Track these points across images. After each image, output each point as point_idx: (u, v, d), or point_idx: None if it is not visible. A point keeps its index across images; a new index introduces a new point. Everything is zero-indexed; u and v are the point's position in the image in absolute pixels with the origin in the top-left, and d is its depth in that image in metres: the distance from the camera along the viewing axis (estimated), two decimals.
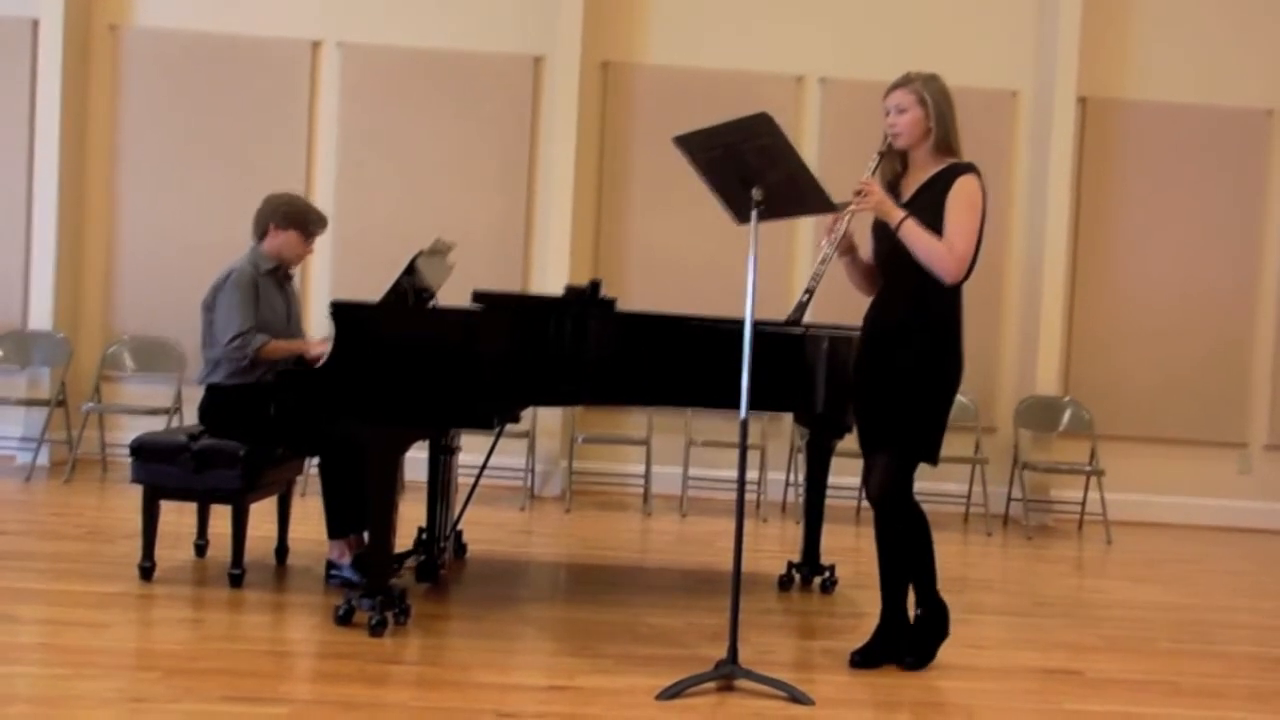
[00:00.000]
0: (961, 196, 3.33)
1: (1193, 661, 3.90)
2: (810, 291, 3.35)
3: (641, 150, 6.75)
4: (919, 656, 3.53)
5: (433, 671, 3.34)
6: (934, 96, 3.37)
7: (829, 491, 4.72)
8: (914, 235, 3.32)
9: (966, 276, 3.39)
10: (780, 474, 6.61)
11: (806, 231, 6.61)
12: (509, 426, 5.23)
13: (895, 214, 3.34)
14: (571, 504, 6.30)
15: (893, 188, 3.48)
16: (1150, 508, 6.79)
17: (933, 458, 3.43)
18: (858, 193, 3.35)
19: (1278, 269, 6.96)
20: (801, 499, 4.96)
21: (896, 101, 3.41)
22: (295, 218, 4.26)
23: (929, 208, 3.35)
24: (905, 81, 3.41)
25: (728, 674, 3.27)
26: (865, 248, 3.57)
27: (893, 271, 3.45)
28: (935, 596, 3.54)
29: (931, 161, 3.41)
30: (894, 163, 3.51)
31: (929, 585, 3.53)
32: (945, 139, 3.39)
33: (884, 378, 3.44)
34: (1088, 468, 6.45)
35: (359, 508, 4.00)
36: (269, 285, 4.24)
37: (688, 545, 5.54)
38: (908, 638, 3.54)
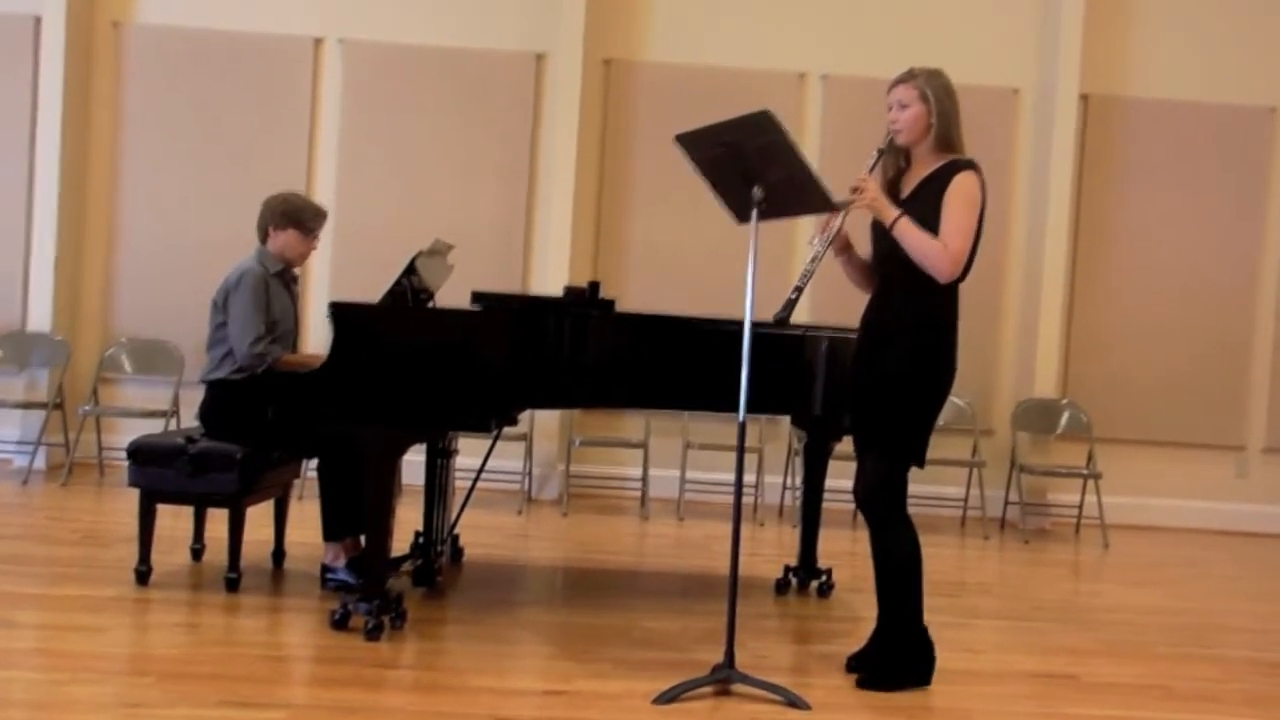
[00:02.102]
0: (959, 193, 3.27)
1: (1190, 666, 3.90)
2: (799, 289, 3.31)
3: (643, 148, 6.75)
4: (876, 677, 3.39)
5: (429, 676, 3.34)
6: (936, 92, 3.31)
7: (826, 495, 4.70)
8: (907, 233, 3.27)
9: (964, 276, 3.34)
10: (778, 477, 6.61)
11: (806, 231, 6.55)
12: (506, 429, 5.23)
13: (889, 212, 3.30)
14: (568, 507, 6.29)
15: (895, 184, 3.44)
16: (1148, 511, 6.79)
17: (918, 460, 3.37)
18: (854, 189, 3.32)
19: (1278, 270, 6.95)
20: (799, 502, 4.95)
21: (898, 97, 3.36)
22: (292, 215, 4.28)
23: (927, 205, 3.29)
24: (908, 77, 3.37)
25: (724, 678, 3.26)
26: (864, 246, 3.54)
27: (888, 271, 3.41)
28: (920, 629, 3.42)
29: (932, 158, 3.36)
30: (896, 159, 3.46)
31: (914, 614, 3.40)
32: (946, 135, 3.33)
33: (875, 378, 3.40)
34: (1085, 471, 6.44)
35: (356, 510, 4.01)
36: (277, 286, 4.26)
37: (685, 549, 5.53)
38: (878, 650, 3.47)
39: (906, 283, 3.33)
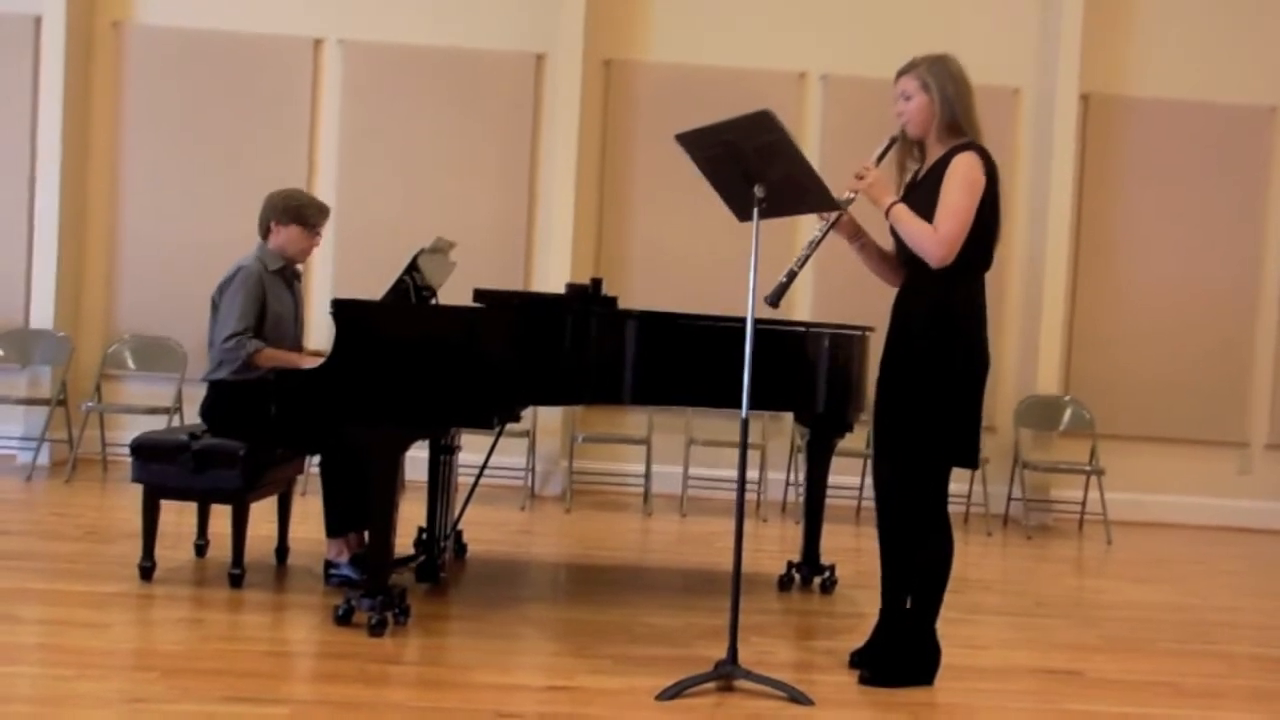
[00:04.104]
0: (954, 175, 3.22)
1: (1194, 662, 3.90)
2: (793, 273, 3.29)
3: (643, 148, 6.75)
4: (880, 673, 3.39)
5: (433, 671, 3.34)
6: (939, 79, 3.27)
7: (829, 491, 4.72)
8: (901, 219, 3.25)
9: (985, 265, 3.31)
10: (780, 473, 6.61)
11: (807, 230, 6.56)
12: (509, 426, 5.23)
13: (884, 199, 3.28)
14: (572, 503, 6.30)
15: (915, 176, 3.41)
16: (1151, 507, 6.80)
17: (962, 460, 3.31)
18: (857, 176, 3.31)
19: (1279, 267, 6.95)
20: (802, 499, 4.95)
21: (902, 88, 3.33)
22: (294, 212, 4.27)
23: (930, 193, 3.26)
24: (909, 67, 3.33)
25: (727, 674, 3.26)
26: (886, 239, 3.50)
27: (910, 265, 3.37)
28: (930, 633, 3.41)
29: (940, 146, 3.33)
30: (913, 151, 3.42)
31: (929, 620, 3.39)
32: (954, 122, 3.28)
33: (898, 376, 3.35)
34: (1088, 467, 6.44)
35: (359, 506, 4.01)
36: (277, 283, 4.26)
37: (688, 545, 5.53)
38: (884, 648, 3.46)
39: (929, 276, 3.28)
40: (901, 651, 3.42)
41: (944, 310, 3.30)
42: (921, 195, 3.30)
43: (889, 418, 3.38)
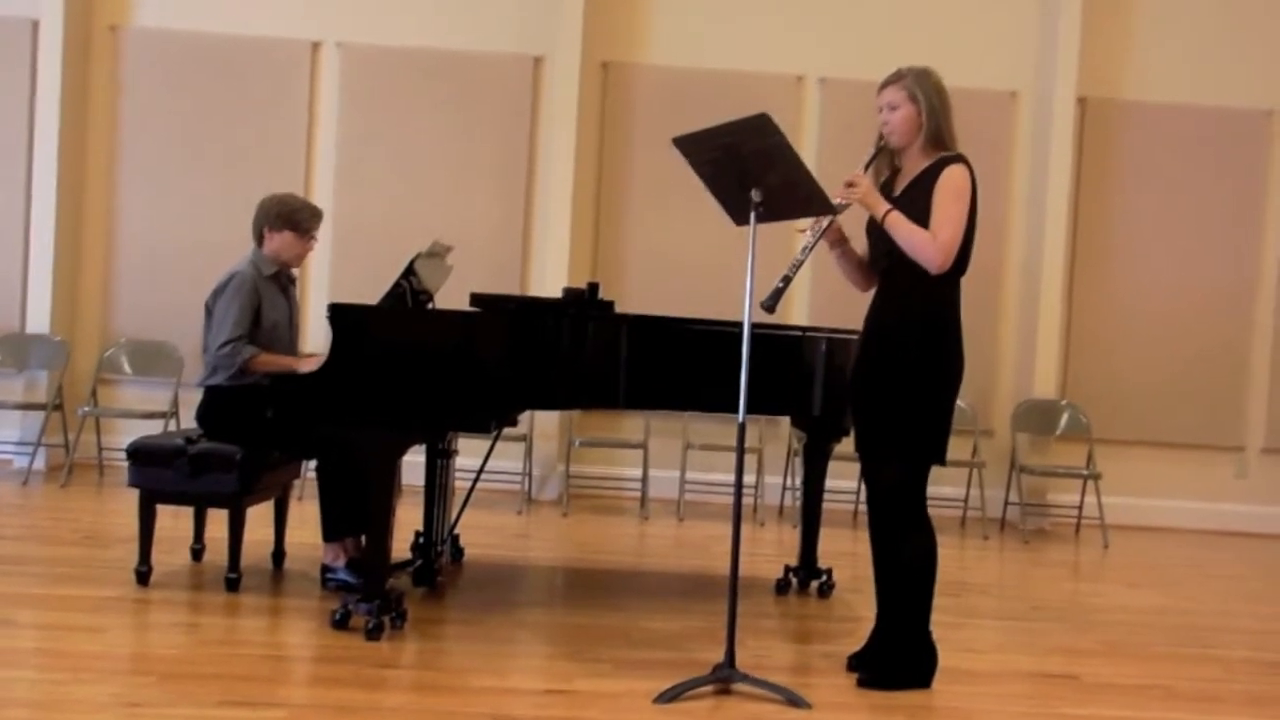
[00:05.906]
0: (947, 186, 3.28)
1: (1190, 666, 3.90)
2: (787, 279, 3.31)
3: (641, 151, 6.75)
4: (877, 676, 3.40)
5: (429, 676, 3.34)
6: (925, 91, 3.32)
7: (826, 495, 4.71)
8: (898, 226, 3.28)
9: (963, 270, 3.34)
10: (778, 478, 6.61)
11: (801, 235, 6.59)
12: (506, 430, 5.24)
13: (880, 206, 3.31)
14: (568, 508, 6.29)
15: (889, 185, 3.45)
16: (1147, 512, 6.80)
17: (939, 457, 3.37)
18: (848, 184, 3.33)
19: (1276, 272, 6.97)
20: (799, 502, 4.95)
21: (888, 99, 3.37)
22: (287, 217, 4.26)
23: (918, 202, 3.30)
24: (895, 78, 3.37)
25: (725, 678, 3.26)
26: (860, 244, 3.54)
27: (889, 270, 3.40)
28: (925, 634, 3.42)
29: (923, 157, 3.36)
30: (890, 160, 3.47)
31: (921, 619, 3.40)
32: (938, 133, 3.33)
33: (880, 379, 3.38)
34: (1085, 471, 6.45)
35: (355, 511, 4.01)
36: (272, 289, 4.25)
37: (685, 549, 5.53)
38: (880, 649, 3.48)
39: (908, 280, 3.33)
40: (898, 654, 3.42)
41: (935, 315, 3.34)
42: (906, 204, 3.33)
43: (877, 420, 3.40)
